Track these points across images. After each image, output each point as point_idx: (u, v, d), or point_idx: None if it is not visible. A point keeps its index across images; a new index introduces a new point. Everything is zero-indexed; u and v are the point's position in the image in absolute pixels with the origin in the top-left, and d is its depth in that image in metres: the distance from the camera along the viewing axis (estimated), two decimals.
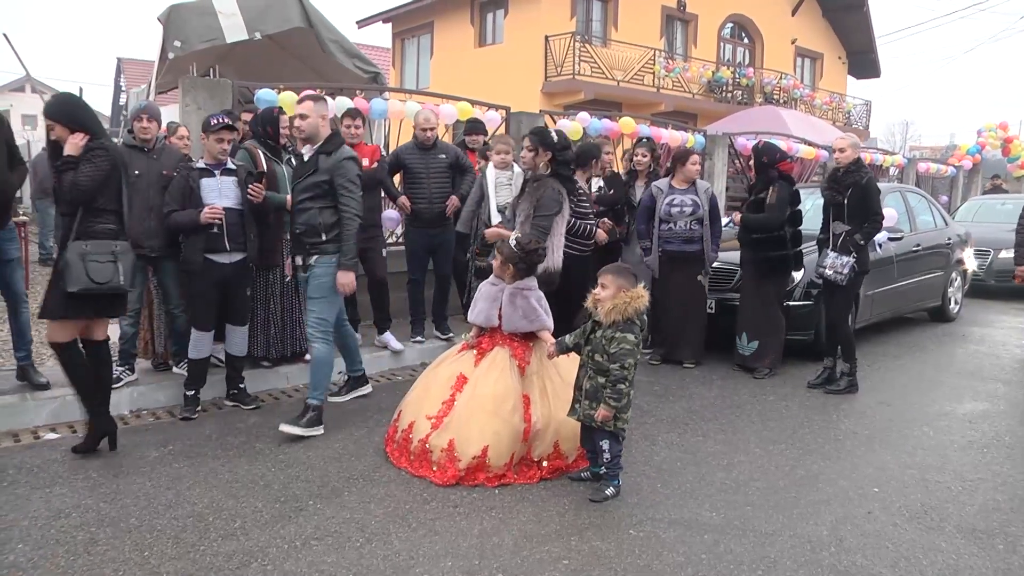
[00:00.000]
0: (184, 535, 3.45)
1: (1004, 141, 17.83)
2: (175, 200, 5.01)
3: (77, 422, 4.89)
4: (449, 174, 6.65)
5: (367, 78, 9.05)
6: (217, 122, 5.00)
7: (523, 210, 5.08)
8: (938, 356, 7.66)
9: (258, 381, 5.69)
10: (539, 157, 5.22)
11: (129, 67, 27.96)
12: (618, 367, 3.85)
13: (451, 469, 4.06)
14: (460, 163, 6.73)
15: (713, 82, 22.01)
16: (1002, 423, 5.51)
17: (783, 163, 6.63)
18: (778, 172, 6.50)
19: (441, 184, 6.61)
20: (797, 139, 12.30)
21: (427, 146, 6.58)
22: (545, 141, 5.22)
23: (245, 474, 4.16)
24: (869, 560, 3.42)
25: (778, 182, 6.40)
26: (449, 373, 4.43)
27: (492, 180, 6.22)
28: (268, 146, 5.64)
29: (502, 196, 6.11)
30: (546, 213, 5.01)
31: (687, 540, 3.55)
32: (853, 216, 5.92)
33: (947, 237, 9.31)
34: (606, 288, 3.95)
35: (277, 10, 8.28)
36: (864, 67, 27.30)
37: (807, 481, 4.32)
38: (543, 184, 5.11)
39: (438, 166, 6.59)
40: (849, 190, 5.92)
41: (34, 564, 3.16)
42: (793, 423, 5.36)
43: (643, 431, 5.02)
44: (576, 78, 18.78)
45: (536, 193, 5.07)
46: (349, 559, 3.28)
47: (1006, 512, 3.98)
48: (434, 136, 6.64)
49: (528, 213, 5.02)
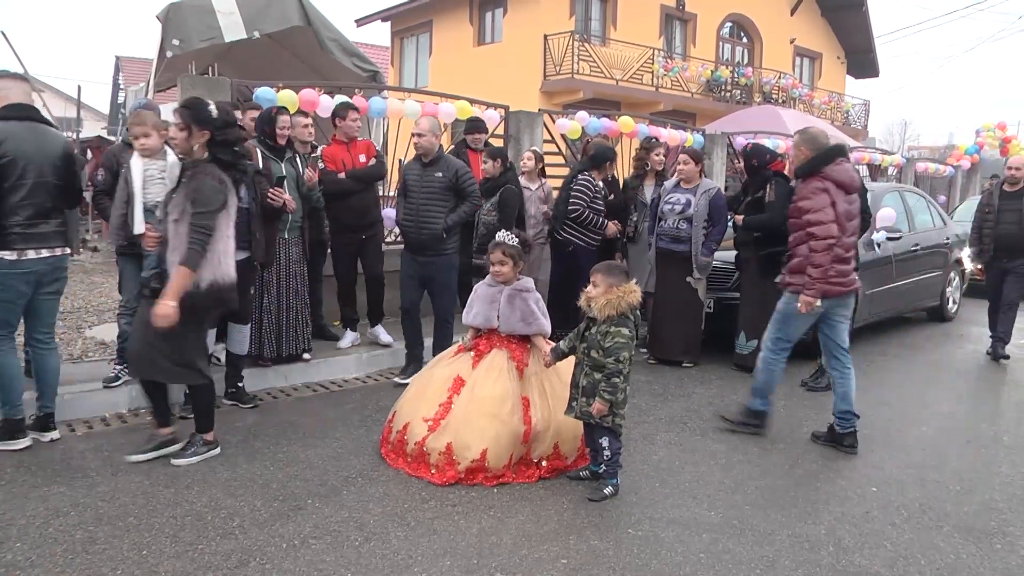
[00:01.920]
0: (182, 533, 3.44)
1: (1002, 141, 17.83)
2: None
3: (75, 420, 4.89)
4: (447, 196, 5.76)
5: (366, 77, 9.05)
6: None
7: (176, 206, 4.05)
8: (936, 356, 7.67)
9: (256, 380, 5.68)
10: (193, 138, 4.13)
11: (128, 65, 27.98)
12: (613, 361, 3.88)
13: (450, 471, 4.05)
14: (461, 185, 5.77)
15: (712, 81, 22.01)
16: (1000, 423, 5.52)
17: (775, 163, 6.62)
18: (772, 171, 6.51)
19: (434, 205, 5.75)
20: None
21: (424, 160, 5.79)
22: (199, 117, 4.11)
23: (244, 473, 4.16)
24: (867, 559, 3.42)
25: (774, 179, 6.41)
26: (446, 375, 4.41)
27: (138, 173, 4.83)
28: (267, 145, 5.64)
29: (153, 192, 4.82)
30: (205, 209, 3.99)
31: (685, 539, 3.55)
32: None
33: (945, 237, 9.32)
34: (597, 286, 4.00)
35: (276, 9, 8.28)
36: (863, 67, 27.31)
37: (805, 480, 4.33)
38: (199, 172, 4.09)
39: (432, 185, 5.74)
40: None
41: (32, 563, 3.15)
42: (791, 422, 5.36)
43: (642, 430, 5.02)
44: (575, 77, 18.78)
45: (191, 184, 4.06)
46: (347, 558, 3.28)
47: (1004, 512, 3.98)
48: (429, 147, 5.74)
49: (183, 209, 4.01)
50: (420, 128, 5.78)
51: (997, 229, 7.30)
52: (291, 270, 5.82)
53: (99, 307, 8.12)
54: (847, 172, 4.83)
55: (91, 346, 6.40)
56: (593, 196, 6.61)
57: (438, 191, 5.73)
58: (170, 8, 7.81)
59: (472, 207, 5.94)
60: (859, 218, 5.03)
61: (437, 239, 5.75)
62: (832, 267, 4.70)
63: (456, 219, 5.80)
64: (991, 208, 7.40)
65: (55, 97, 23.06)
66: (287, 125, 5.74)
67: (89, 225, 15.01)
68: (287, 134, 5.75)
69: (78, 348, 6.31)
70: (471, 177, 5.92)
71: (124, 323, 5.35)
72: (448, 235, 5.80)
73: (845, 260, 4.81)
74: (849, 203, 4.82)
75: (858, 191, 4.98)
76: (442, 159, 5.84)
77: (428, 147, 5.72)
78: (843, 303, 4.92)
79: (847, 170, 4.85)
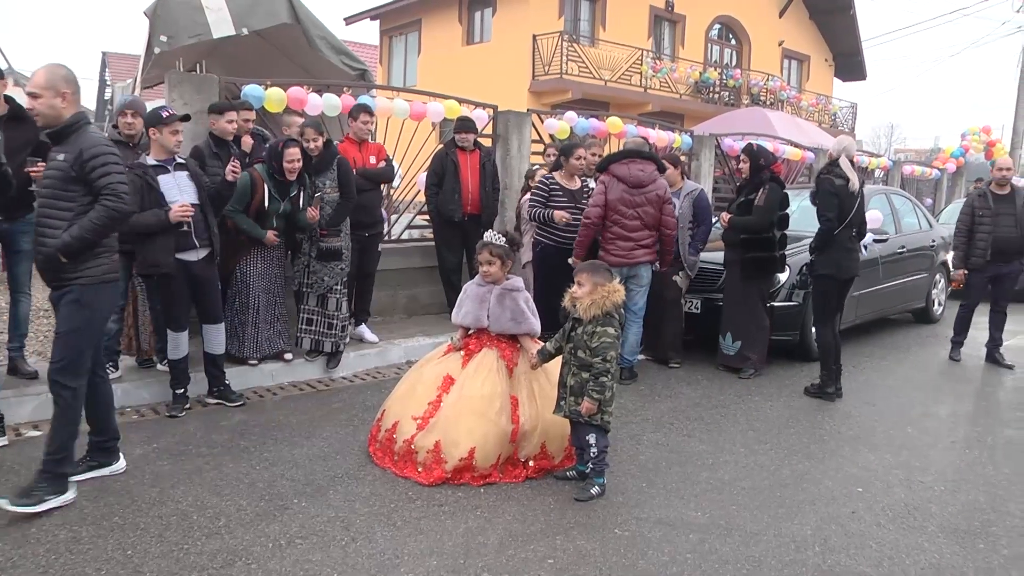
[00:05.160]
0: (168, 533, 3.42)
1: (987, 144, 17.95)
2: (133, 200, 4.63)
3: None
4: (71, 192, 3.58)
5: (354, 75, 8.99)
6: (170, 114, 4.77)
7: None
8: (922, 357, 7.72)
9: (242, 379, 5.65)
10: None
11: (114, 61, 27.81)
12: (600, 360, 3.89)
13: (437, 470, 4.04)
14: (89, 175, 3.59)
15: (700, 83, 22.09)
16: (984, 424, 5.56)
17: (775, 165, 6.66)
18: (770, 174, 6.53)
19: (52, 206, 3.66)
20: (783, 140, 12.35)
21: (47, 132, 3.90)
22: None
23: (230, 472, 4.13)
24: (853, 559, 3.44)
25: (769, 184, 6.43)
26: (435, 373, 4.41)
27: None
28: (275, 180, 5.55)
29: None
30: None
31: (672, 539, 3.56)
32: (818, 219, 5.98)
33: (931, 239, 9.38)
34: (582, 286, 4.00)
35: (264, 6, 8.22)
36: (850, 70, 27.48)
37: (792, 481, 4.34)
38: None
39: (53, 174, 3.68)
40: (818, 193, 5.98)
41: (14, 563, 3.12)
42: (778, 423, 5.38)
43: (628, 430, 5.03)
44: (564, 77, 18.80)
45: None
46: (334, 558, 3.27)
47: (988, 512, 4.01)
48: (48, 113, 3.65)
49: None
50: (34, 84, 3.64)
51: (995, 232, 7.16)
52: (270, 270, 5.79)
53: None
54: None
55: None
56: (549, 195, 6.49)
57: (59, 183, 3.64)
58: (158, 4, 7.75)
59: (107, 214, 3.60)
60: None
61: (54, 262, 3.64)
62: None
63: (80, 234, 3.57)
64: (986, 211, 7.22)
65: None
66: (295, 158, 5.49)
67: None
68: (296, 167, 5.52)
69: None
70: (108, 162, 3.63)
71: (110, 321, 5.30)
72: (71, 257, 3.62)
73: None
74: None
75: None
76: (75, 133, 3.66)
77: (47, 113, 3.64)
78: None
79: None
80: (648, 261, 6.12)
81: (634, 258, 6.03)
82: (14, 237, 5.02)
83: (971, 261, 7.33)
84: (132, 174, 4.70)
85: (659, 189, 6.02)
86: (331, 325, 5.96)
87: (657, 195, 6.00)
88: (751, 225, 6.40)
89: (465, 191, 7.27)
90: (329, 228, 5.83)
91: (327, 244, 5.83)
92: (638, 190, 5.96)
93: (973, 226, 7.30)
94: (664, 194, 6.04)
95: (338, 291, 5.94)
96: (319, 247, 5.81)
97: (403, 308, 7.87)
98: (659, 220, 6.04)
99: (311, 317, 5.96)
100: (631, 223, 5.98)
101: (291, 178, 5.56)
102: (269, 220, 5.61)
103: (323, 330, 5.97)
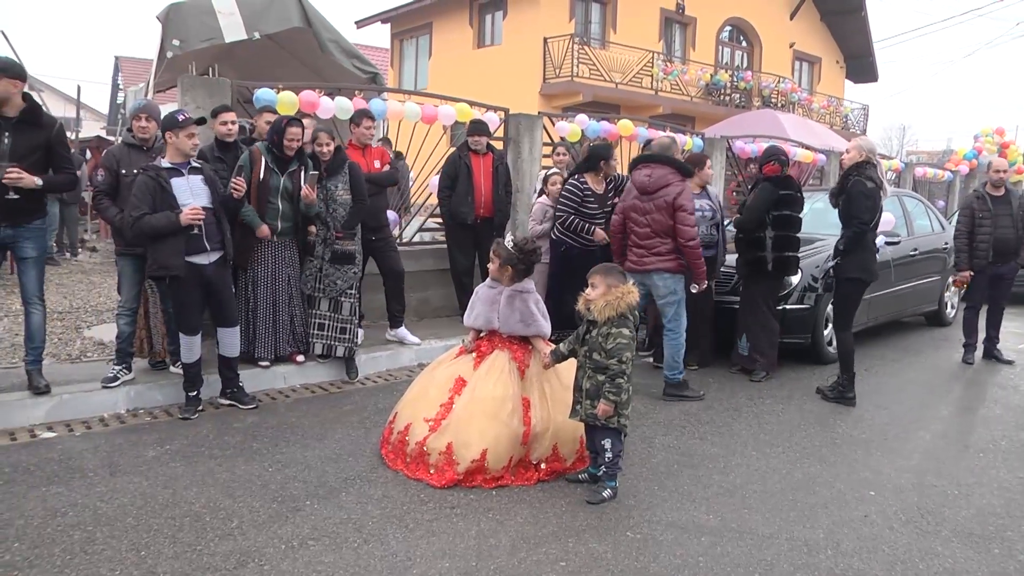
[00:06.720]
0: (181, 535, 3.44)
1: (1000, 146, 17.85)
2: (144, 203, 4.71)
3: (74, 421, 4.89)
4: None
5: (366, 78, 9.04)
6: (185, 118, 4.83)
7: None
8: (934, 360, 7.68)
9: (254, 381, 5.68)
10: None
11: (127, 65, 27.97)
12: (616, 362, 3.89)
13: (449, 472, 4.05)
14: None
15: (711, 85, 22.04)
16: (998, 428, 5.52)
17: (767, 165, 6.59)
18: (763, 175, 6.54)
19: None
20: (795, 143, 12.31)
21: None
22: None
23: (242, 474, 4.16)
24: (865, 563, 3.42)
25: (761, 184, 6.47)
26: (447, 375, 4.42)
27: None
28: (274, 155, 5.62)
29: None
30: None
31: (684, 543, 3.55)
32: (844, 221, 5.93)
33: (944, 241, 9.31)
34: (596, 288, 4.01)
35: (276, 9, 8.28)
36: (862, 71, 27.37)
37: (804, 484, 4.33)
38: None
39: None
40: (842, 195, 5.93)
41: (30, 563, 3.15)
42: (790, 426, 5.37)
43: (640, 433, 5.02)
44: (574, 80, 18.80)
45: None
46: (346, 560, 3.28)
47: (1002, 516, 3.99)
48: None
49: None
50: None
51: (995, 233, 7.28)
52: (282, 272, 5.80)
53: (98, 307, 8.11)
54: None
55: (90, 346, 6.40)
56: (582, 200, 6.54)
57: None
58: (170, 8, 7.81)
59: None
60: None
61: None
62: None
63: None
64: (986, 213, 7.33)
65: (54, 97, 23.07)
66: (296, 137, 5.60)
67: (88, 225, 15.01)
68: (295, 146, 5.63)
69: (76, 348, 6.31)
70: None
71: (123, 323, 5.35)
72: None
73: None
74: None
75: None
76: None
77: None
78: None
79: None
80: (663, 269, 5.72)
81: (645, 265, 5.74)
82: (18, 244, 4.87)
83: (974, 262, 7.43)
84: (145, 176, 4.80)
85: (668, 195, 5.64)
86: (344, 329, 5.97)
87: (666, 201, 5.64)
88: (738, 224, 6.48)
89: (478, 194, 7.28)
90: (344, 231, 5.86)
91: (342, 247, 5.86)
92: (647, 196, 5.74)
93: (974, 228, 7.41)
94: (675, 200, 5.62)
95: (351, 295, 5.97)
96: (334, 250, 5.85)
97: (415, 311, 7.89)
98: (671, 228, 5.67)
99: (323, 322, 5.97)
100: (642, 230, 5.78)
101: (290, 154, 5.64)
102: (273, 197, 5.62)
103: (335, 335, 5.98)
